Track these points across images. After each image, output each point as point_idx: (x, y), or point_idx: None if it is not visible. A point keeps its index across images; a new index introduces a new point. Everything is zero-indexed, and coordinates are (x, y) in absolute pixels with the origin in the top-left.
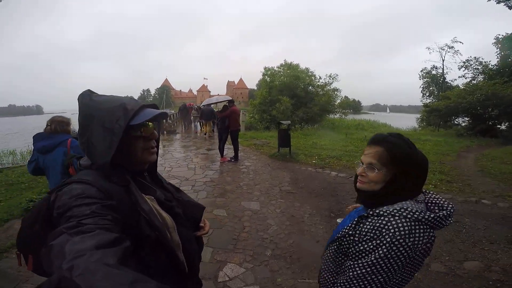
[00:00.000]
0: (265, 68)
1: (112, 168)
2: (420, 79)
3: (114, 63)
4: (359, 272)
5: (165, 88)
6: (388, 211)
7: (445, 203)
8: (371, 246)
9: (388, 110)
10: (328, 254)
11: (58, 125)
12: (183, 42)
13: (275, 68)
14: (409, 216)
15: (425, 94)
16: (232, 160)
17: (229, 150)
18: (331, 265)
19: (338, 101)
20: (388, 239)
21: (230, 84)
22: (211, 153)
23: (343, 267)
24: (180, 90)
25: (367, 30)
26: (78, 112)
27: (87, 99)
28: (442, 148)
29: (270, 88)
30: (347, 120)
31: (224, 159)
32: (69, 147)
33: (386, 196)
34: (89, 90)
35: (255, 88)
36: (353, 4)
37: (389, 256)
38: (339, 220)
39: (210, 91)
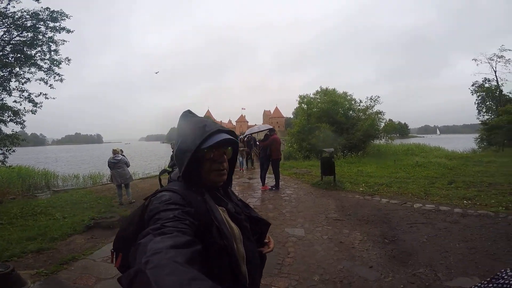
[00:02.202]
0: (300, 97)
1: (190, 180)
2: (472, 94)
3: (165, 95)
4: None
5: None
6: None
7: None
8: None
9: (438, 132)
10: None
11: None
12: (223, 75)
13: (311, 96)
14: None
15: (482, 110)
16: (273, 188)
17: (269, 179)
18: None
19: (383, 125)
20: None
21: (266, 114)
22: (252, 181)
23: None
24: (221, 121)
25: (411, 47)
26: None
27: (184, 119)
28: (510, 169)
29: (308, 115)
30: (394, 146)
31: (265, 187)
32: None
33: None
34: (188, 110)
35: (292, 116)
36: (394, 22)
37: None
38: None
39: (248, 121)
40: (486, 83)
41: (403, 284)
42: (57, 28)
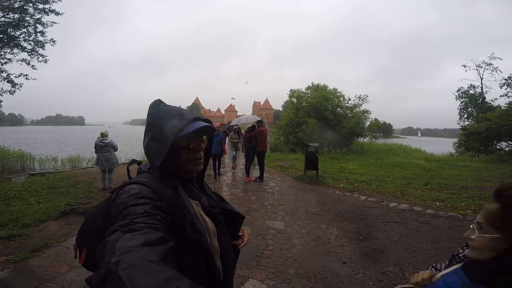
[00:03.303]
0: (291, 91)
1: (165, 172)
2: (456, 99)
3: (154, 81)
4: None
5: (195, 107)
6: None
7: None
8: None
9: (419, 134)
10: None
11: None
12: (217, 62)
13: (302, 90)
14: None
15: (463, 116)
16: (258, 180)
17: (254, 170)
18: None
19: (368, 123)
20: None
21: (256, 105)
22: (237, 172)
23: None
24: (209, 109)
25: (404, 49)
26: (146, 117)
27: (155, 108)
28: (482, 174)
29: (297, 109)
30: (377, 144)
31: (250, 178)
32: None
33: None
34: (159, 99)
35: (281, 109)
36: (390, 24)
37: None
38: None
39: (237, 111)
40: (471, 89)
41: (372, 282)
42: (46, 10)
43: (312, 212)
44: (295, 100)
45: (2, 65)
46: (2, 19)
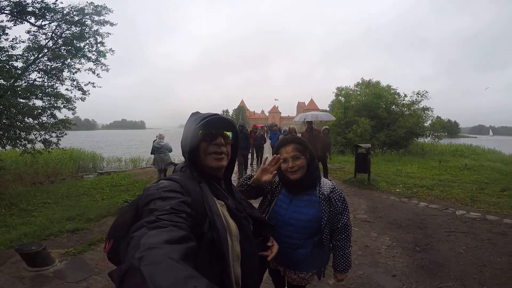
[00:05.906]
0: (337, 88)
1: (194, 170)
2: None
3: (205, 86)
4: (347, 221)
5: (241, 109)
6: (334, 186)
7: None
8: (344, 206)
9: (490, 133)
10: (326, 234)
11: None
12: (261, 66)
13: (351, 87)
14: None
15: None
16: None
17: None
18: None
19: (429, 122)
20: (344, 198)
21: (300, 105)
22: None
23: (335, 221)
24: (254, 111)
25: (472, 42)
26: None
27: (189, 117)
28: None
29: (345, 108)
30: (441, 145)
31: None
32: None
33: (315, 178)
34: (197, 112)
35: (328, 109)
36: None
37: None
38: None
39: (280, 112)
40: None
41: None
42: (101, 21)
43: (361, 219)
44: (343, 98)
45: (73, 74)
46: (67, 32)
